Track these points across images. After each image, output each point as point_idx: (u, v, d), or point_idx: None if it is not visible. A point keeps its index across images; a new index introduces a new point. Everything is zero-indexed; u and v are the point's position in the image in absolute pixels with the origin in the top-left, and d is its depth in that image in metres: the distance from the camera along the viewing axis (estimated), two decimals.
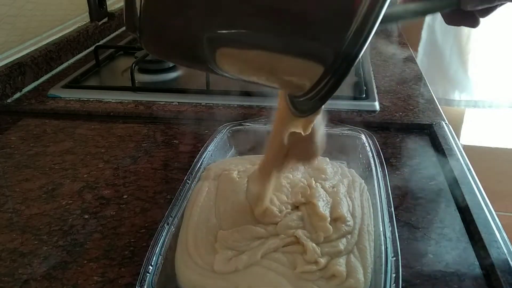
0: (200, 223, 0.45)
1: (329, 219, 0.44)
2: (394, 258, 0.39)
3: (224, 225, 0.44)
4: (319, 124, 0.41)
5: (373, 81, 0.85)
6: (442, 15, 0.40)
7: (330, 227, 0.43)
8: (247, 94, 0.79)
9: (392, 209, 0.46)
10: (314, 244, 0.41)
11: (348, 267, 0.39)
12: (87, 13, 1.10)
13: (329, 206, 0.46)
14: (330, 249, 0.41)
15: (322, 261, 0.39)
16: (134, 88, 0.82)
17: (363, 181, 0.52)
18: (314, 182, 0.50)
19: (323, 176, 0.52)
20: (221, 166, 0.54)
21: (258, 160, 0.53)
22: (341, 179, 0.52)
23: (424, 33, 1.53)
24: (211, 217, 0.46)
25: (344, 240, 0.42)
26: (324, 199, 0.47)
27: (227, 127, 0.62)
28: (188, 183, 0.50)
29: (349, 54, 0.26)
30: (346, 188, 0.50)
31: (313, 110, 0.36)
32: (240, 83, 0.36)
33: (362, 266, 0.40)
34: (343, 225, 0.44)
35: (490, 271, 0.42)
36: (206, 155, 0.56)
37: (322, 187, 0.49)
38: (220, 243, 0.42)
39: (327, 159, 0.56)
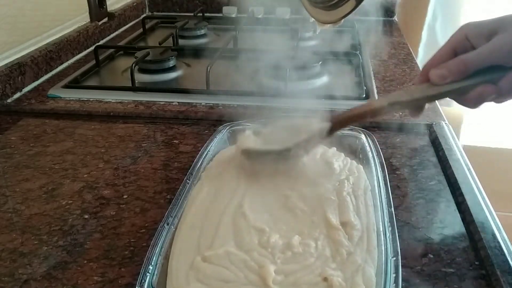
0: (188, 237, 0.43)
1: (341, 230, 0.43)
2: (394, 258, 0.39)
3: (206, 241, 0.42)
4: None
5: (373, 81, 0.85)
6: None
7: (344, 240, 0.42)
8: (247, 94, 0.79)
9: (392, 209, 0.46)
10: (340, 280, 0.38)
11: (364, 279, 0.39)
12: (87, 13, 1.10)
13: (336, 209, 0.47)
14: (351, 266, 0.40)
15: None
16: (134, 88, 0.82)
17: (367, 179, 0.52)
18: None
19: (329, 171, 0.52)
20: (221, 164, 0.55)
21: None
22: (348, 176, 0.52)
23: (424, 33, 1.53)
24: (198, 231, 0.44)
25: (358, 250, 0.41)
26: (333, 198, 0.48)
27: (227, 127, 0.62)
28: (188, 183, 0.50)
29: None
30: (351, 186, 0.50)
31: None
32: (240, 83, 0.36)
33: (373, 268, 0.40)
34: (353, 231, 0.43)
35: (490, 271, 0.42)
36: (206, 155, 0.56)
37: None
38: (194, 271, 0.39)
39: (343, 154, 0.57)
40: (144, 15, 1.37)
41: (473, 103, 0.45)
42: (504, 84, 0.43)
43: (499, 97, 0.45)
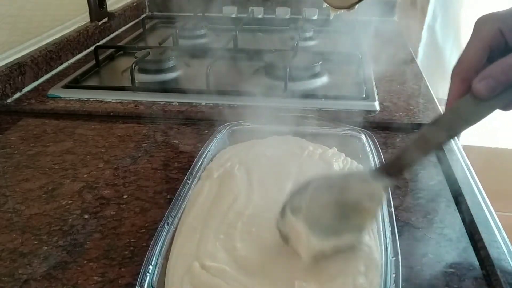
0: (187, 239, 0.43)
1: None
2: (394, 258, 0.39)
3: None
4: None
5: (373, 81, 0.85)
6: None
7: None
8: (247, 94, 0.79)
9: (392, 209, 0.46)
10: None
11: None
12: (87, 13, 1.10)
13: None
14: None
15: None
16: (134, 88, 0.82)
17: None
18: None
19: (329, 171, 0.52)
20: (221, 162, 0.55)
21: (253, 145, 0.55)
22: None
23: (424, 33, 1.53)
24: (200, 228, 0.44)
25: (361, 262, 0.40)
26: None
27: (227, 127, 0.62)
28: (188, 183, 0.50)
29: None
30: None
31: None
32: (240, 83, 0.36)
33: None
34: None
35: (490, 271, 0.42)
36: (206, 155, 0.56)
37: None
38: (190, 276, 0.39)
39: (343, 155, 0.57)
40: (144, 15, 1.37)
41: (510, 108, 0.40)
42: None
43: None
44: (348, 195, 0.40)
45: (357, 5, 0.55)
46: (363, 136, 0.59)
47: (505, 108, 0.39)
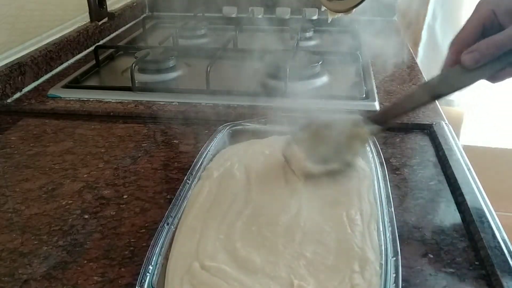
0: (187, 240, 0.43)
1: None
2: (394, 258, 0.39)
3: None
4: None
5: (373, 81, 0.85)
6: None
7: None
8: (247, 94, 0.79)
9: (392, 209, 0.46)
10: None
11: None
12: (87, 13, 1.10)
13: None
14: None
15: None
16: (134, 88, 0.82)
17: (371, 176, 0.52)
18: None
19: None
20: (220, 162, 0.55)
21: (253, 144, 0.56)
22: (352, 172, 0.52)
23: (424, 33, 1.53)
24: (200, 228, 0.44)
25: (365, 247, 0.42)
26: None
27: (227, 127, 0.62)
28: (188, 183, 0.50)
29: None
30: (357, 183, 0.51)
31: None
32: (240, 83, 0.36)
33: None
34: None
35: (490, 271, 0.42)
36: (206, 155, 0.56)
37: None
38: (190, 276, 0.39)
39: None
40: (144, 15, 1.37)
41: (498, 81, 0.46)
42: None
43: None
44: (341, 134, 0.50)
45: (354, 9, 0.56)
46: None
47: (492, 80, 0.46)
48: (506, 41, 0.43)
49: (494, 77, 0.46)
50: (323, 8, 0.62)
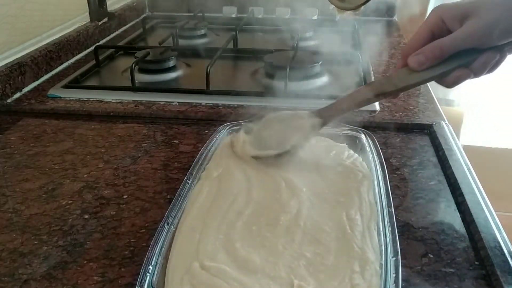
0: (187, 240, 0.43)
1: None
2: (394, 258, 0.39)
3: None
4: None
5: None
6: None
7: None
8: (247, 94, 0.79)
9: (392, 209, 0.46)
10: None
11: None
12: (87, 13, 1.10)
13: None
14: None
15: None
16: (134, 88, 0.82)
17: (370, 176, 0.52)
18: None
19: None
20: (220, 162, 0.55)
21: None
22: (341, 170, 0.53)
23: None
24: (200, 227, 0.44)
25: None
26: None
27: (227, 127, 0.62)
28: (188, 183, 0.50)
29: None
30: (357, 183, 0.51)
31: None
32: (240, 83, 0.36)
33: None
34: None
35: (490, 271, 0.42)
36: (206, 155, 0.56)
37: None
38: (190, 276, 0.39)
39: (345, 145, 0.58)
40: (144, 15, 1.37)
41: (451, 85, 0.49)
42: (476, 66, 0.47)
43: (474, 77, 0.48)
44: (287, 126, 0.55)
45: (363, 7, 0.56)
46: (363, 136, 0.59)
47: (445, 84, 0.48)
48: (449, 44, 0.46)
49: (446, 81, 0.48)
50: (331, 6, 0.62)
